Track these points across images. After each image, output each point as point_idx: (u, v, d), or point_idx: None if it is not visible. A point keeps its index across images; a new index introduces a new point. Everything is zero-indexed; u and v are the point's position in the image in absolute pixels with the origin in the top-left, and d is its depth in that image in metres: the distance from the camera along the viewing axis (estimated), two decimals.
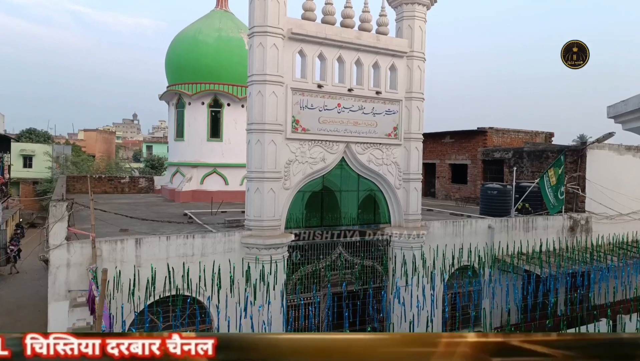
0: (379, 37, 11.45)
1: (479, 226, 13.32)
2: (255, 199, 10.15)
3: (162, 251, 9.34)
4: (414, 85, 11.84)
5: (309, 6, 10.69)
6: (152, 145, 68.15)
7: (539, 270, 12.08)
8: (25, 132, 50.84)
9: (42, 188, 38.54)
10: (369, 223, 11.94)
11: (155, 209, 15.86)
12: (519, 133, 22.13)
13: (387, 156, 11.68)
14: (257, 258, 9.84)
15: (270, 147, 10.08)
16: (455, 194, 21.92)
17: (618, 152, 17.05)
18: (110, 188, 22.21)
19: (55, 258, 8.62)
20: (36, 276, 21.08)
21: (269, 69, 9.96)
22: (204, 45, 18.69)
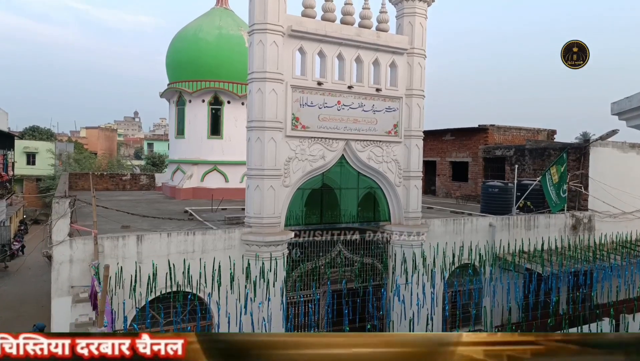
0: (379, 34, 11.42)
1: (479, 224, 13.29)
2: (255, 197, 10.17)
3: (163, 247, 9.37)
4: (415, 82, 11.81)
5: (309, 3, 10.67)
6: (153, 142, 68.27)
7: (540, 269, 12.05)
8: (28, 130, 51.01)
9: (45, 185, 38.67)
10: (369, 221, 11.93)
11: (156, 206, 15.90)
12: (521, 131, 22.05)
13: (387, 153, 11.66)
14: (257, 255, 9.86)
15: (270, 145, 10.08)
16: (456, 192, 21.88)
17: (622, 150, 16.95)
18: (112, 185, 22.28)
19: (58, 254, 8.67)
20: (39, 272, 21.18)
21: (269, 66, 9.95)
22: (205, 43, 18.69)
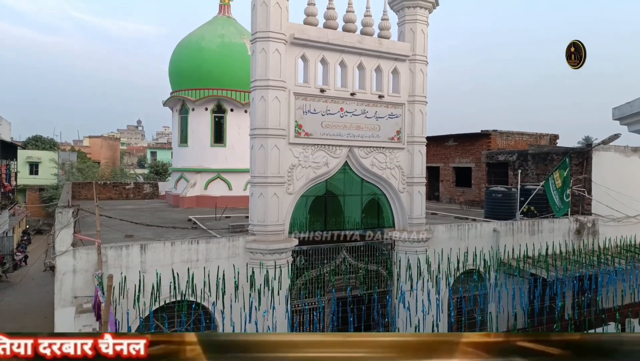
0: (381, 41, 11.46)
1: (484, 229, 13.25)
2: (258, 204, 10.16)
3: (166, 256, 9.35)
4: (417, 88, 11.83)
5: (311, 11, 10.72)
6: (156, 151, 68.52)
7: (545, 274, 11.99)
8: (31, 140, 51.24)
9: (48, 194, 38.79)
10: (373, 227, 11.90)
11: (159, 215, 15.91)
12: (523, 136, 22.04)
13: (391, 159, 11.66)
14: (261, 263, 9.83)
15: (273, 152, 10.09)
16: (460, 198, 21.84)
17: (624, 154, 16.93)
18: (115, 194, 22.31)
19: (61, 264, 8.65)
20: (42, 282, 21.17)
21: (271, 74, 9.98)
22: (207, 51, 18.79)
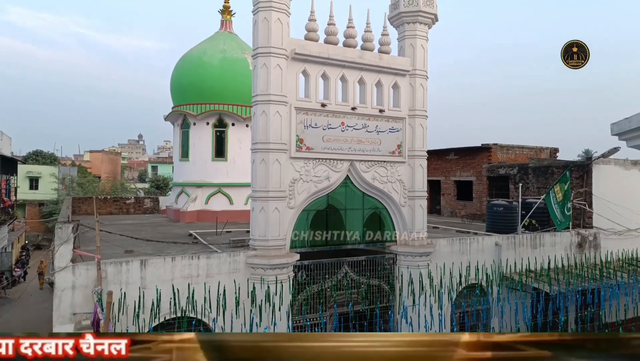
0: (382, 56, 11.55)
1: (485, 243, 13.19)
2: (260, 219, 10.13)
3: (167, 272, 9.29)
4: (417, 103, 11.89)
5: (312, 27, 10.82)
6: (157, 165, 68.64)
7: (547, 288, 11.91)
8: (31, 154, 51.34)
9: (47, 209, 38.68)
10: (375, 242, 11.85)
11: (160, 230, 15.85)
12: (524, 149, 22.10)
13: (392, 173, 11.66)
14: (262, 279, 9.76)
15: (274, 167, 10.09)
16: (461, 211, 21.80)
17: (624, 167, 16.95)
18: (116, 209, 22.26)
19: (60, 280, 8.58)
20: (41, 298, 21.02)
21: (272, 89, 10.04)
22: (209, 66, 18.92)
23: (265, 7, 10.02)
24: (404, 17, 11.87)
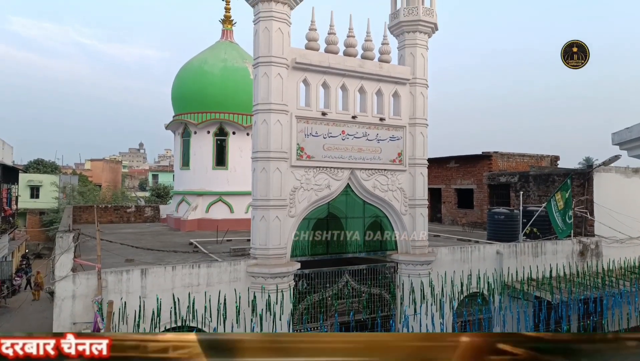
0: (382, 65, 11.60)
1: (487, 251, 13.16)
2: (260, 227, 10.11)
3: (167, 281, 9.26)
4: (417, 111, 11.92)
5: (312, 36, 10.88)
6: (157, 174, 68.69)
7: (549, 296, 11.84)
8: (32, 163, 51.37)
9: (48, 218, 38.66)
10: (376, 250, 11.82)
11: (160, 239, 15.83)
12: (524, 157, 22.11)
13: (392, 182, 11.66)
14: (263, 288, 9.73)
15: (275, 175, 10.10)
16: (462, 220, 21.76)
17: (625, 175, 16.94)
18: (116, 218, 22.25)
19: (60, 289, 8.56)
20: (41, 308, 20.93)
21: (273, 98, 10.07)
22: (210, 75, 19.00)
23: (266, 17, 10.09)
24: (404, 26, 11.94)
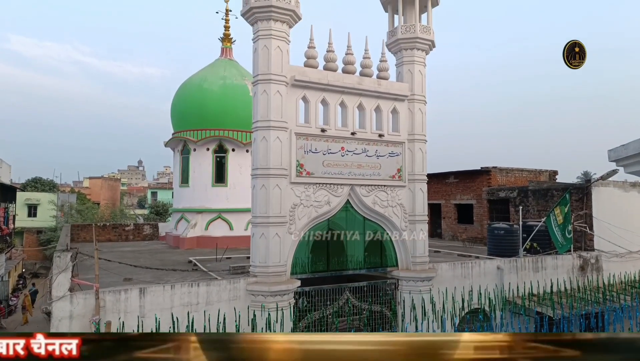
0: (380, 82, 11.69)
1: (487, 267, 13.09)
2: (260, 245, 10.06)
3: (166, 300, 9.17)
4: (416, 127, 11.98)
5: (311, 54, 10.99)
6: (156, 191, 68.59)
7: (551, 312, 11.76)
8: (30, 182, 51.27)
9: (45, 237, 38.44)
10: (376, 267, 11.76)
11: (159, 257, 15.73)
12: (523, 172, 22.17)
13: (392, 197, 11.66)
14: (262, 306, 9.63)
15: (275, 192, 10.09)
16: (462, 235, 21.72)
17: (623, 189, 16.99)
18: (115, 236, 22.13)
19: (57, 310, 8.46)
20: (38, 328, 20.67)
21: (273, 115, 10.12)
22: (209, 92, 19.13)
23: (265, 35, 10.20)
24: (402, 43, 12.08)
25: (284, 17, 10.26)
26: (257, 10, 10.14)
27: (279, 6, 10.09)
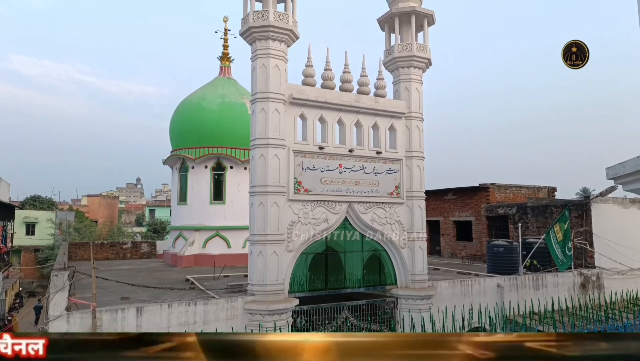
0: (377, 100, 11.77)
1: (487, 285, 12.99)
2: (258, 263, 9.99)
3: (163, 319, 9.07)
4: (414, 144, 12.01)
5: (309, 72, 11.09)
6: (154, 209, 68.38)
7: (552, 330, 11.63)
8: (29, 200, 51.17)
9: (43, 255, 38.18)
10: (375, 285, 11.66)
11: (156, 275, 15.61)
12: (521, 188, 22.17)
13: (390, 215, 11.62)
14: (260, 325, 9.53)
15: (273, 209, 10.06)
16: (461, 252, 21.60)
17: (622, 205, 16.97)
18: (112, 254, 22.01)
19: (54, 329, 8.35)
20: None
21: (271, 133, 10.15)
22: (208, 110, 19.24)
23: (264, 54, 10.30)
24: (399, 62, 12.19)
25: (282, 36, 10.38)
26: (256, 30, 10.26)
27: (277, 26, 10.22)
